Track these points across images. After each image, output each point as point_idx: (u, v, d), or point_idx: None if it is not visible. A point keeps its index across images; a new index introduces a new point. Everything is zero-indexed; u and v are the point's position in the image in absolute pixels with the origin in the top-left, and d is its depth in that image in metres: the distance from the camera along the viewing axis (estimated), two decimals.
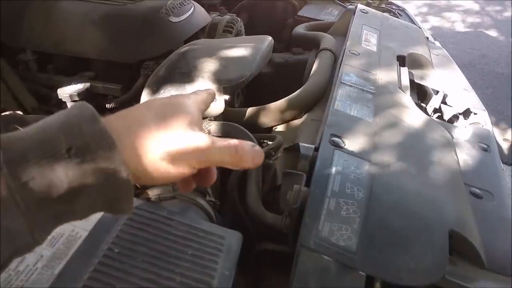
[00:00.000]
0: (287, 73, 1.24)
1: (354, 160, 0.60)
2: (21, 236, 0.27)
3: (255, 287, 0.65)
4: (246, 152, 0.36)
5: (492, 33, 4.27)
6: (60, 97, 0.82)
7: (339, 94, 0.76)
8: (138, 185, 0.33)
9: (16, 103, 0.89)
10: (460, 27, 4.40)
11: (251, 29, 1.43)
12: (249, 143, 0.36)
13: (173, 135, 0.34)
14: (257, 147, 0.37)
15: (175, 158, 0.34)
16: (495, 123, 2.92)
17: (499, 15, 4.67)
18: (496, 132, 2.85)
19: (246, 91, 1.11)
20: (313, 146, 0.62)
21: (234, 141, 0.36)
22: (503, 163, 2.78)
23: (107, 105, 0.86)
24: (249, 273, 0.63)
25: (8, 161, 0.27)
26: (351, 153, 0.61)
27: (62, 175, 0.28)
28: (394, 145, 0.66)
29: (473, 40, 4.08)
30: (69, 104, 0.83)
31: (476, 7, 4.87)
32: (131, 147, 0.33)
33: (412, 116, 0.76)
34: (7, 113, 0.56)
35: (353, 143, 0.64)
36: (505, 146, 2.78)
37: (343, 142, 0.63)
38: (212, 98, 0.45)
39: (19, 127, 0.58)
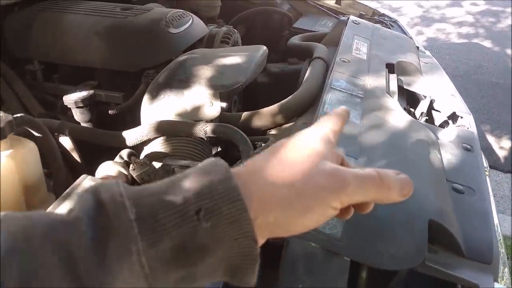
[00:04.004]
0: (283, 82, 1.29)
1: None
2: None
3: None
4: (393, 180, 0.31)
5: (487, 44, 4.35)
6: (65, 104, 0.87)
7: (328, 98, 0.81)
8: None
9: (24, 111, 0.94)
10: (455, 39, 4.48)
11: (249, 41, 1.48)
12: (392, 170, 0.32)
13: (303, 176, 0.30)
14: (403, 175, 0.32)
15: (310, 201, 0.29)
16: (491, 132, 2.96)
17: (494, 27, 4.76)
18: (492, 141, 2.89)
19: (244, 100, 1.16)
20: None
21: (374, 169, 0.31)
22: (498, 170, 2.77)
23: (110, 112, 0.91)
24: None
25: (139, 219, 0.26)
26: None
27: (188, 239, 0.26)
28: (379, 144, 0.70)
29: (469, 51, 4.15)
30: (74, 111, 0.88)
31: (470, 18, 4.96)
32: (258, 198, 0.29)
33: (398, 118, 0.80)
34: (18, 115, 0.60)
35: (340, 142, 0.68)
36: (501, 154, 2.80)
37: None
38: (341, 122, 0.36)
39: (29, 129, 0.63)
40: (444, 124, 1.00)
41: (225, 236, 0.27)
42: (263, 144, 0.76)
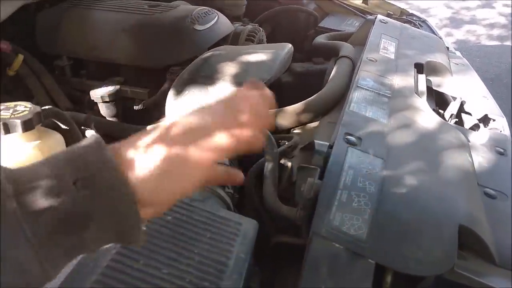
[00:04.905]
0: (308, 82, 1.27)
1: (367, 157, 0.62)
2: (30, 267, 0.27)
3: (272, 280, 0.67)
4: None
5: None
6: (92, 99, 0.88)
7: (355, 97, 0.79)
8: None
9: (52, 105, 0.96)
10: (486, 41, 4.34)
11: (274, 40, 1.47)
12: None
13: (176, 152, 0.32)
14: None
15: (182, 171, 0.32)
16: None
17: None
18: None
19: None
20: (327, 144, 0.65)
21: None
22: None
23: (135, 107, 0.91)
24: (266, 266, 0.66)
25: (17, 194, 0.26)
26: (364, 150, 0.64)
27: (70, 207, 0.28)
28: (407, 145, 0.68)
29: (500, 54, 4.01)
30: (100, 105, 0.89)
31: (502, 20, 4.80)
32: (136, 166, 0.31)
33: (427, 119, 0.78)
34: (46, 107, 0.61)
35: (367, 141, 0.66)
36: None
37: (357, 140, 0.66)
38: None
39: (56, 121, 0.64)
40: (474, 127, 0.96)
41: (104, 202, 0.29)
42: (286, 142, 0.75)
